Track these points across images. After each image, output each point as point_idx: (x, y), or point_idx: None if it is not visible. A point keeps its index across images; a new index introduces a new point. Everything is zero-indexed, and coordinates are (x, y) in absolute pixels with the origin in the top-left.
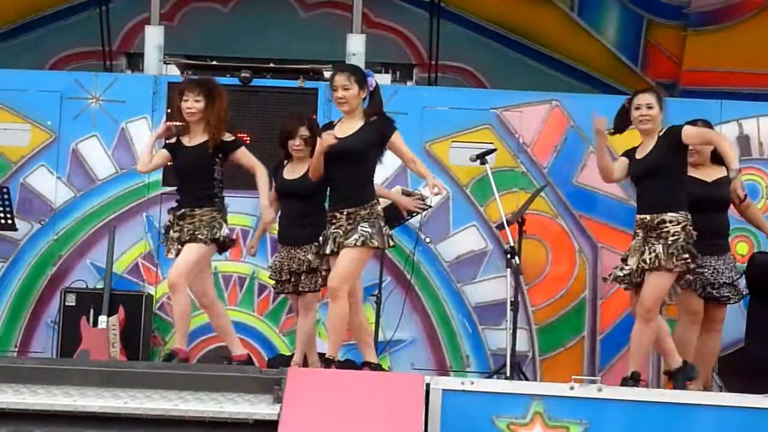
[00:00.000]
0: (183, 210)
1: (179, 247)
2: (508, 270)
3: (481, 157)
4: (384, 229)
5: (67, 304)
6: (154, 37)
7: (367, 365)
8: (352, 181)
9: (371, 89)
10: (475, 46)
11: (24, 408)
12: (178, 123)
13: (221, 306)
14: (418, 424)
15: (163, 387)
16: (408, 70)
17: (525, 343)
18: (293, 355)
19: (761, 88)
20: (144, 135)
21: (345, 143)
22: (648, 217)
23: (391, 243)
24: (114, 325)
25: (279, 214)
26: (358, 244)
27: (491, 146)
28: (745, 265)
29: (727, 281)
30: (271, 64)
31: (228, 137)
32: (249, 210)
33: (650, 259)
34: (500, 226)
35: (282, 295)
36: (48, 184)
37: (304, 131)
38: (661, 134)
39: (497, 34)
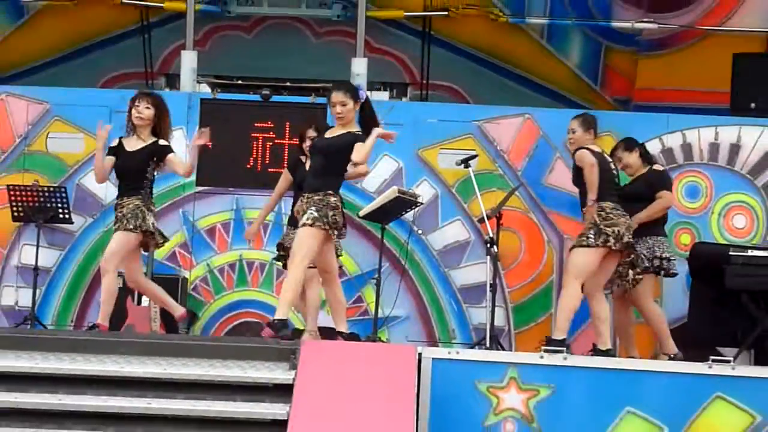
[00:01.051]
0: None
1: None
2: (488, 257)
3: (465, 162)
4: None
5: None
6: (188, 60)
7: (339, 335)
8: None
9: (362, 101)
10: (460, 68)
11: (79, 373)
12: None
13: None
14: (411, 387)
15: (195, 356)
16: (403, 88)
17: (502, 319)
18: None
19: (701, 104)
20: (180, 142)
21: (325, 142)
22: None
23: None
24: (155, 304)
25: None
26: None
27: (473, 152)
28: (688, 252)
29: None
30: (288, 83)
31: (162, 143)
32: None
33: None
34: (481, 220)
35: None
36: (99, 185)
37: (311, 133)
38: (575, 155)
39: (479, 58)
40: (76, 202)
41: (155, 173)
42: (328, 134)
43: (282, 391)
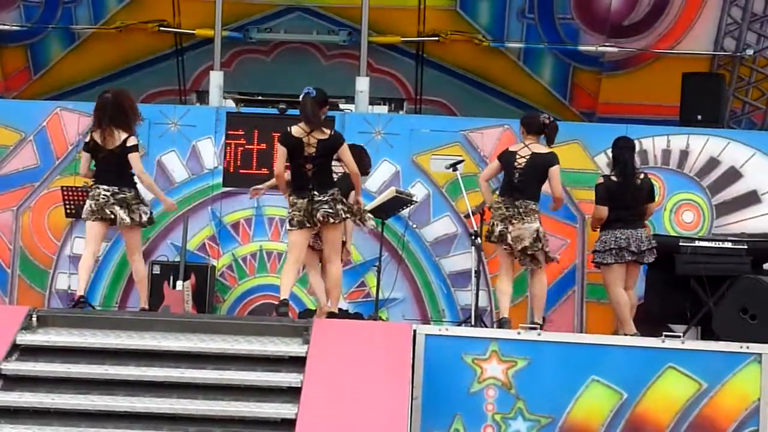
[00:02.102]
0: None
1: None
2: (473, 248)
3: (453, 166)
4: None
5: (153, 272)
6: (216, 79)
7: (332, 315)
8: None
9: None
10: (449, 86)
11: (123, 347)
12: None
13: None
14: (407, 359)
15: (222, 332)
16: (400, 103)
17: (485, 301)
18: (316, 309)
19: (655, 116)
20: (209, 150)
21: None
22: None
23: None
24: (187, 288)
25: None
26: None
27: (460, 158)
28: None
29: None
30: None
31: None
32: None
33: None
34: (467, 216)
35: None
36: (140, 186)
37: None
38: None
39: (465, 77)
40: None
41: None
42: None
43: (296, 363)
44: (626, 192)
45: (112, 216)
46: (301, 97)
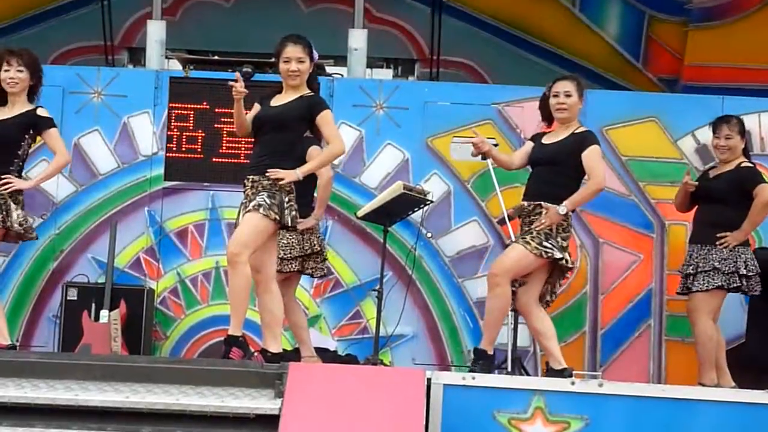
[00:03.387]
0: None
1: None
2: None
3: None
4: (287, 205)
5: (68, 298)
6: (156, 32)
7: (263, 353)
8: (270, 149)
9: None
10: (477, 42)
11: (26, 402)
12: None
13: None
14: (419, 419)
15: (164, 381)
16: (410, 66)
17: (526, 339)
18: (295, 350)
19: (763, 84)
20: (146, 129)
21: (273, 111)
22: (526, 203)
23: (292, 223)
24: (115, 320)
25: None
26: (256, 209)
27: (493, 141)
28: None
29: (709, 269)
30: (273, 59)
31: (42, 113)
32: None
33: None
34: (502, 221)
35: None
36: (50, 179)
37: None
38: (576, 132)
39: (499, 30)
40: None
41: (29, 149)
42: (275, 101)
43: (266, 423)
44: None
45: None
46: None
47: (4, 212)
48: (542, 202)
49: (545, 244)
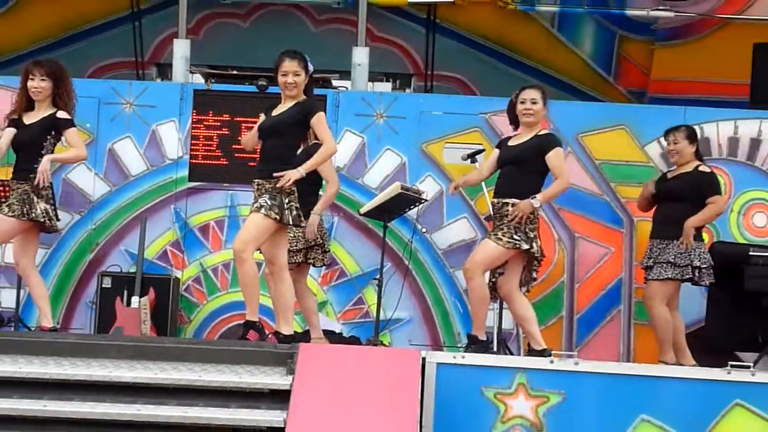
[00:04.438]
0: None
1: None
2: None
3: (472, 157)
4: (287, 205)
5: (103, 286)
6: (181, 49)
7: (276, 335)
8: (272, 154)
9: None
10: (467, 58)
11: (65, 378)
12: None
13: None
14: (414, 393)
15: (188, 360)
16: (407, 79)
17: (510, 322)
18: (305, 332)
19: (720, 96)
20: (172, 136)
21: (273, 120)
22: (495, 200)
23: (293, 221)
24: (145, 305)
25: None
26: (258, 210)
27: (481, 147)
28: None
29: (671, 261)
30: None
31: (62, 115)
32: None
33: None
34: (488, 218)
35: None
36: (87, 180)
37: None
38: (539, 134)
39: (486, 47)
40: (62, 198)
41: (53, 149)
42: (276, 111)
43: (279, 397)
44: None
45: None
46: None
47: (27, 205)
48: (509, 200)
49: (515, 237)
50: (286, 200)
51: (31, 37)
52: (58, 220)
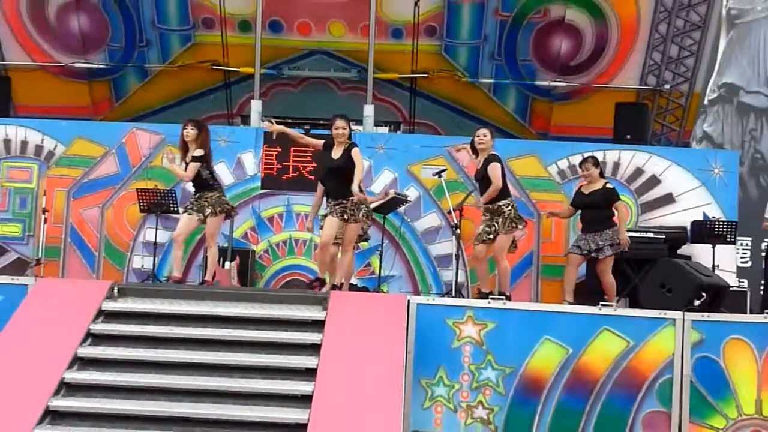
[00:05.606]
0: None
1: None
2: (453, 237)
3: (438, 174)
4: (363, 214)
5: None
6: (256, 106)
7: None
8: (339, 184)
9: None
10: (436, 112)
11: (185, 312)
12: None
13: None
14: (402, 322)
15: (261, 301)
16: (397, 125)
17: (463, 277)
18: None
19: (594, 135)
20: (250, 160)
21: (335, 163)
22: (491, 205)
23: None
24: (234, 267)
25: None
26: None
27: (444, 167)
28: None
29: (603, 246)
30: (321, 121)
31: (198, 153)
32: (308, 202)
33: (495, 228)
34: (449, 212)
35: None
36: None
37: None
38: (488, 157)
39: (448, 105)
40: (183, 200)
41: (206, 173)
42: (334, 153)
43: (317, 325)
44: None
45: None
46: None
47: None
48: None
49: (509, 226)
50: (352, 208)
51: (161, 99)
52: (178, 213)
